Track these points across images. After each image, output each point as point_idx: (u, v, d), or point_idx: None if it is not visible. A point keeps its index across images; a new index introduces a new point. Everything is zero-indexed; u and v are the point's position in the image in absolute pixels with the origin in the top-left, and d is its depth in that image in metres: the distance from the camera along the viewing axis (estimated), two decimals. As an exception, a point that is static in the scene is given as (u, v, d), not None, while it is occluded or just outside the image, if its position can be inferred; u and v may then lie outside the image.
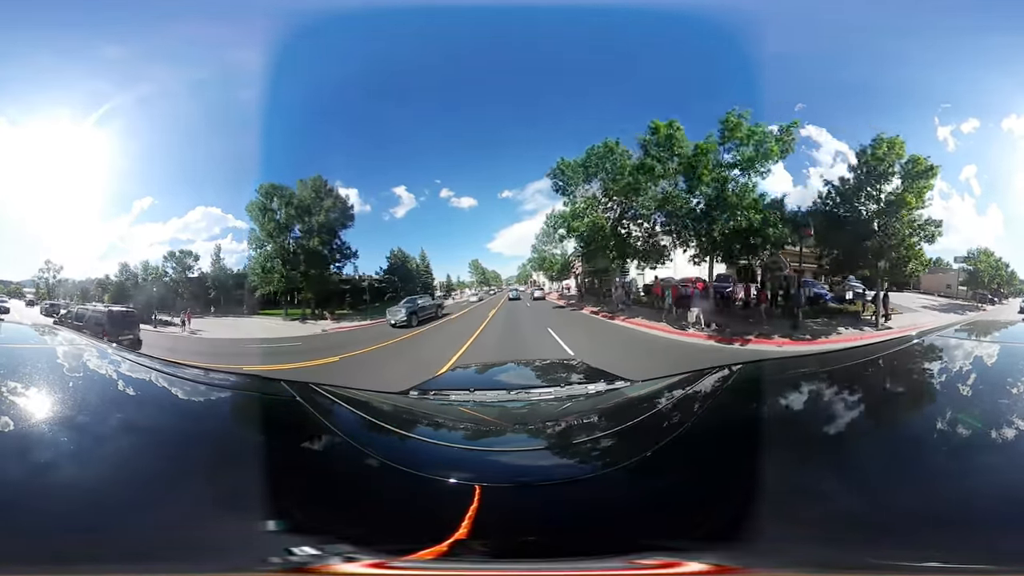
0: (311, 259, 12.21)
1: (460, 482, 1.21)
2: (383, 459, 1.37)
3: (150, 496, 1.11)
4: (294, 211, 11.56)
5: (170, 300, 11.98)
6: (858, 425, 1.50)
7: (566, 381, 2.65)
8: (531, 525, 1.09)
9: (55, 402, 1.58)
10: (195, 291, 12.27)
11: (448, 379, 3.24)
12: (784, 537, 0.99)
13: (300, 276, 11.87)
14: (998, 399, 1.60)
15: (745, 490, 1.11)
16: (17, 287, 13.20)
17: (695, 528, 1.07)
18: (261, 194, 11.42)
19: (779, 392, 1.91)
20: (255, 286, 12.33)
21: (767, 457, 1.23)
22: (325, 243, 12.58)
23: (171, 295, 12.03)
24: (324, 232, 12.43)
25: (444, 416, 2.10)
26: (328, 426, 1.67)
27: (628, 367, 2.99)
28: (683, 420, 1.80)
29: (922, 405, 1.71)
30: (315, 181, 12.23)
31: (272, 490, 1.12)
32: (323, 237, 12.47)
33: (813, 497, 1.12)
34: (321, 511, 1.15)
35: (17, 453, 1.20)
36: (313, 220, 12.20)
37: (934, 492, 1.10)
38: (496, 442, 1.77)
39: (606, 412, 2.05)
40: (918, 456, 1.24)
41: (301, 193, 12.07)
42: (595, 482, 1.25)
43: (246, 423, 1.79)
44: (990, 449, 1.24)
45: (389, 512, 1.15)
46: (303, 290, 12.58)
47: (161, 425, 1.63)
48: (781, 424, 1.53)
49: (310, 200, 12.14)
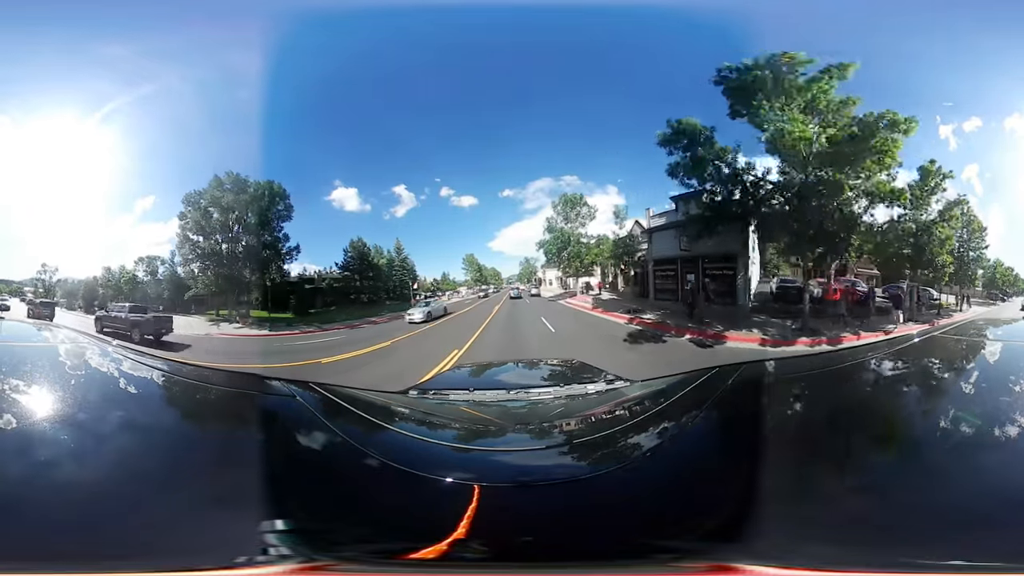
0: (233, 259, 11.67)
1: (459, 481, 1.21)
2: (382, 458, 1.37)
3: (150, 494, 1.11)
4: (211, 211, 11.10)
5: (138, 299, 12.21)
6: (859, 424, 1.50)
7: (566, 381, 2.65)
8: (530, 525, 1.09)
9: (56, 400, 1.59)
10: (157, 291, 12.39)
11: (448, 379, 3.24)
12: (785, 536, 0.99)
13: (215, 277, 11.40)
14: (999, 397, 1.60)
15: (746, 490, 1.11)
16: (19, 287, 13.30)
17: (696, 527, 1.07)
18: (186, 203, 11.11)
19: (779, 392, 1.91)
20: (188, 286, 12.15)
21: (768, 457, 1.23)
22: (249, 241, 11.80)
23: (140, 295, 12.23)
24: (248, 231, 11.71)
25: (444, 416, 2.10)
26: (328, 426, 1.67)
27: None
28: (683, 420, 1.80)
29: (923, 404, 1.71)
30: (230, 177, 11.52)
31: (272, 489, 1.12)
32: (249, 235, 11.70)
33: (814, 496, 1.12)
34: (320, 510, 1.15)
35: (18, 451, 1.20)
36: (229, 217, 11.57)
37: (936, 491, 1.10)
38: (495, 442, 1.77)
39: (606, 412, 2.05)
40: (919, 455, 1.24)
41: (213, 192, 11.47)
42: (595, 482, 1.24)
43: (246, 423, 1.79)
44: (991, 447, 1.24)
45: (388, 511, 1.15)
46: (246, 291, 12.10)
47: (161, 424, 1.63)
48: (782, 424, 1.53)
49: (228, 199, 11.49)
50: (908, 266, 9.78)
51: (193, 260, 11.73)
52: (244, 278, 11.97)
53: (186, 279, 12.11)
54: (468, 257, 19.92)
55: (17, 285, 13.36)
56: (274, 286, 12.53)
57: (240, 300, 12.12)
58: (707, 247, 11.28)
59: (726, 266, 11.55)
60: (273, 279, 12.46)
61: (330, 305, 14.62)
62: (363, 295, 15.53)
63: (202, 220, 11.36)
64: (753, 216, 10.41)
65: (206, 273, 11.77)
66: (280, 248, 12.40)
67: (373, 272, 15.88)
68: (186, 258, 11.76)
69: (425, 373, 5.68)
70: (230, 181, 11.49)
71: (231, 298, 12.34)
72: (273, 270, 12.52)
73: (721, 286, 11.67)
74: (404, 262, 17.13)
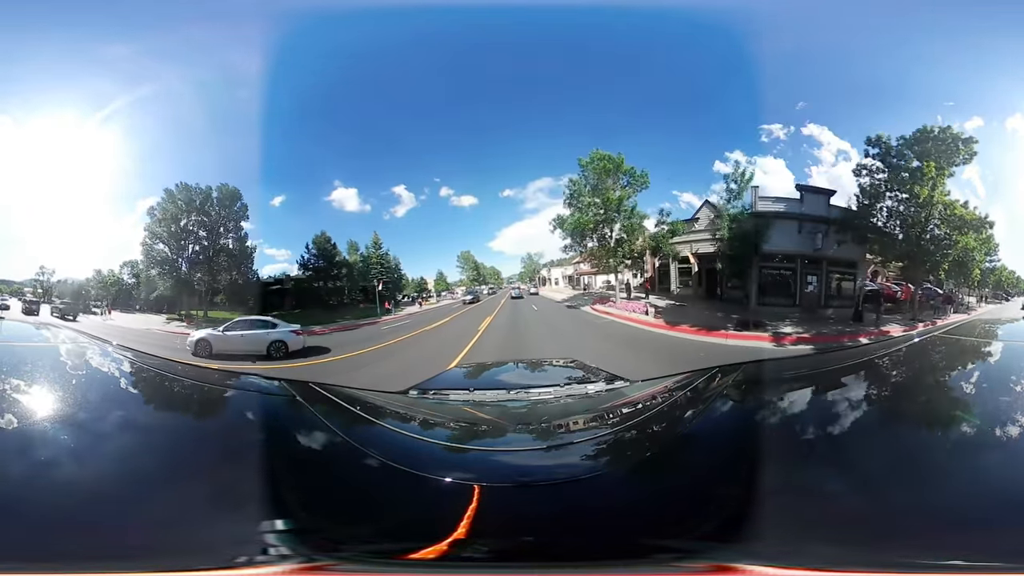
0: (190, 264, 11.73)
1: (459, 481, 1.21)
2: (382, 459, 1.37)
3: (150, 495, 1.11)
4: (163, 222, 11.31)
5: (122, 299, 12.42)
6: (858, 424, 1.50)
7: (566, 381, 2.65)
8: (530, 525, 1.09)
9: (56, 400, 1.59)
10: (136, 293, 12.63)
11: (448, 379, 3.24)
12: (786, 537, 0.99)
13: (171, 281, 11.55)
14: (999, 397, 1.60)
15: (746, 490, 1.11)
16: (19, 287, 13.40)
17: (696, 528, 1.07)
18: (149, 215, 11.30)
19: (779, 392, 1.91)
20: (153, 287, 12.24)
21: (768, 457, 1.23)
22: (197, 247, 11.74)
23: (124, 295, 12.46)
24: (196, 238, 11.69)
25: (444, 416, 2.10)
26: (328, 426, 1.67)
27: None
28: (683, 420, 1.80)
29: (922, 404, 1.71)
30: (180, 188, 11.56)
31: (271, 490, 1.12)
32: (196, 242, 11.67)
33: (814, 496, 1.12)
34: (320, 510, 1.15)
35: (18, 450, 1.20)
36: (178, 227, 11.64)
37: (935, 491, 1.10)
38: (495, 442, 1.77)
39: (606, 412, 2.05)
40: (919, 455, 1.24)
41: (164, 205, 11.58)
42: (595, 482, 1.24)
43: (246, 423, 1.79)
44: (991, 447, 1.24)
45: (388, 511, 1.16)
46: (201, 293, 12.07)
47: (161, 424, 1.63)
48: (781, 423, 1.53)
49: (175, 210, 11.58)
50: (942, 274, 10.70)
51: (152, 266, 12.02)
52: (193, 282, 12.14)
53: (149, 283, 12.43)
54: (464, 254, 17.28)
55: (17, 286, 13.46)
56: (241, 287, 12.19)
57: (197, 301, 12.25)
58: (836, 251, 11.02)
59: (848, 272, 11.31)
60: (235, 280, 12.26)
61: (295, 307, 13.12)
62: (330, 297, 13.71)
63: (158, 228, 11.67)
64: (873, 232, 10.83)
65: (163, 278, 12.10)
66: (236, 249, 12.27)
67: (341, 271, 13.94)
68: (147, 265, 12.06)
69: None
70: (180, 192, 11.75)
71: (185, 300, 12.50)
72: (232, 272, 12.36)
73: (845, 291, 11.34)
74: (383, 259, 14.79)
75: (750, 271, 11.31)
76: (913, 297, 10.86)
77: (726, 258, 11.50)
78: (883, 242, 10.96)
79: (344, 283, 14.18)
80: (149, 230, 11.64)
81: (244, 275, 12.47)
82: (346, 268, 14.25)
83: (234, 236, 12.12)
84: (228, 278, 12.21)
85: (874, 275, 11.12)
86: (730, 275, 11.76)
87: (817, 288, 11.21)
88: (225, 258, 12.23)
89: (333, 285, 14.00)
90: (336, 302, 14.13)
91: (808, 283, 11.20)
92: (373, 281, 14.50)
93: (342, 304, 14.07)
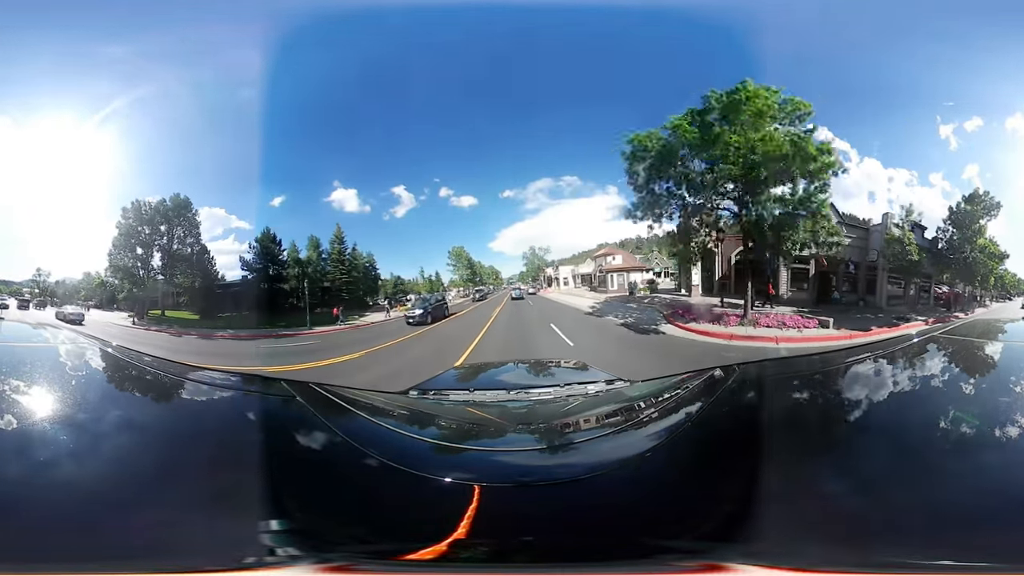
0: (149, 270, 12.77)
1: (459, 482, 1.21)
2: (382, 459, 1.37)
3: (149, 495, 1.11)
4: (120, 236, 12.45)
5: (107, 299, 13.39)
6: (858, 424, 1.50)
7: (566, 381, 2.65)
8: (531, 525, 1.09)
9: (56, 400, 1.59)
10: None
11: (448, 379, 3.24)
12: (786, 536, 0.99)
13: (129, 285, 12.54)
14: (999, 397, 1.60)
15: (746, 490, 1.11)
16: (18, 288, 13.60)
17: (696, 528, 1.07)
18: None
19: (779, 392, 1.91)
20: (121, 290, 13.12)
21: (768, 456, 1.23)
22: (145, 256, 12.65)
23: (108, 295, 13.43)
24: (148, 246, 12.53)
25: (444, 416, 2.10)
26: (328, 426, 1.67)
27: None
28: (683, 420, 1.80)
29: (922, 404, 1.71)
30: (133, 205, 12.36)
31: (271, 490, 1.12)
32: (146, 249, 12.51)
33: (814, 496, 1.12)
34: (320, 511, 1.15)
35: (17, 450, 1.20)
36: (132, 240, 12.61)
37: (935, 491, 1.10)
38: (496, 442, 1.77)
39: (606, 412, 2.05)
40: (919, 455, 1.24)
41: (119, 220, 12.58)
42: (595, 482, 1.24)
43: (246, 423, 1.79)
44: (991, 447, 1.24)
45: (388, 512, 1.16)
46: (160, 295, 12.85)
47: (161, 424, 1.63)
48: (781, 423, 1.53)
49: (127, 225, 12.56)
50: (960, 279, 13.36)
51: (113, 273, 13.10)
52: (147, 285, 13.21)
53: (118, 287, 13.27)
54: (456, 250, 14.66)
55: (17, 287, 13.67)
56: (198, 290, 12.37)
57: (160, 303, 12.96)
58: (926, 268, 13.21)
59: (927, 282, 13.61)
60: (194, 284, 12.55)
61: (245, 310, 12.43)
62: (279, 300, 12.82)
63: (119, 240, 12.61)
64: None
65: (122, 282, 12.92)
66: (192, 255, 12.49)
67: (288, 271, 12.88)
68: (112, 273, 13.14)
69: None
70: (132, 208, 12.52)
71: (157, 301, 13.38)
72: (191, 276, 12.70)
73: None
74: (343, 256, 13.36)
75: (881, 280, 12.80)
76: (953, 297, 13.89)
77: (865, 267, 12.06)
78: (950, 266, 13.47)
79: (294, 284, 13.16)
80: (113, 243, 12.70)
81: (204, 278, 12.72)
82: (298, 267, 13.15)
83: (191, 242, 12.51)
84: (188, 282, 12.75)
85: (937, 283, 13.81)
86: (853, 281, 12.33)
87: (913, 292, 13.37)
88: (181, 263, 12.82)
89: (278, 287, 13.07)
90: (289, 305, 13.19)
91: (911, 289, 13.27)
92: (334, 283, 13.26)
93: (296, 308, 13.03)
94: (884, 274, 12.73)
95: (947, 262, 13.11)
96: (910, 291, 13.27)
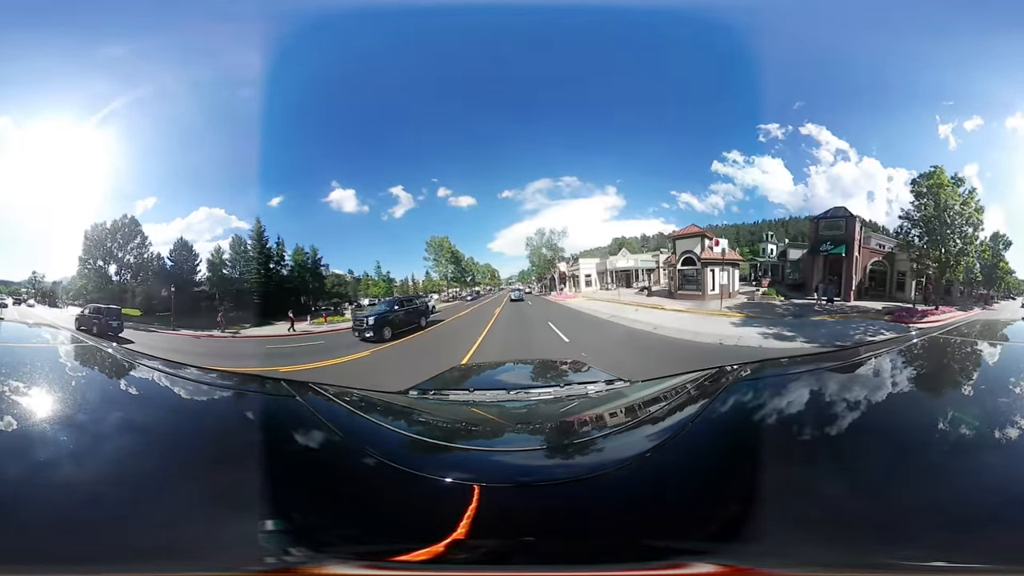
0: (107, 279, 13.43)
1: (459, 482, 1.21)
2: (382, 458, 1.37)
3: (149, 495, 1.11)
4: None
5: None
6: (859, 425, 1.50)
7: (566, 381, 2.65)
8: (530, 525, 1.08)
9: (56, 401, 1.59)
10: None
11: (447, 379, 3.24)
12: (786, 537, 0.99)
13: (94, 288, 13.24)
14: (998, 398, 1.60)
15: (747, 490, 1.11)
16: (17, 288, 13.74)
17: (696, 528, 1.07)
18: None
19: (779, 392, 1.91)
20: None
21: (768, 457, 1.23)
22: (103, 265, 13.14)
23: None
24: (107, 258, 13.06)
25: (443, 416, 2.10)
26: (328, 426, 1.67)
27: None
28: (683, 420, 1.80)
29: (922, 404, 1.71)
30: (94, 227, 12.78)
31: (271, 490, 1.12)
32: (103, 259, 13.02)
33: (815, 497, 1.12)
34: (320, 511, 1.15)
35: (17, 451, 1.20)
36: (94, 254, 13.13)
37: (935, 491, 1.10)
38: (495, 442, 1.77)
39: (606, 412, 2.05)
40: (919, 455, 1.24)
41: (84, 240, 13.13)
42: (595, 482, 1.24)
43: (246, 423, 1.79)
44: (991, 448, 1.24)
45: (387, 512, 1.15)
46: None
47: (161, 424, 1.63)
48: (782, 424, 1.53)
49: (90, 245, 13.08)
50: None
51: (82, 279, 13.75)
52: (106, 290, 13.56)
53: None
54: (436, 241, 11.73)
55: (16, 287, 13.79)
56: (140, 292, 13.13)
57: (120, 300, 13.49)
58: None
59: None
60: (143, 286, 13.17)
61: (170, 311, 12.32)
62: (198, 303, 12.33)
63: (87, 252, 13.29)
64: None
65: (88, 286, 13.63)
66: (137, 263, 12.94)
67: (217, 273, 12.05)
68: (80, 277, 13.77)
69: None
70: (94, 230, 13.10)
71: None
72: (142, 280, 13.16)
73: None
74: (282, 253, 11.89)
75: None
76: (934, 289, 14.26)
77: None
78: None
79: (210, 288, 12.49)
80: (79, 259, 13.48)
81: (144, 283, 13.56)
82: (211, 269, 12.34)
83: (135, 254, 13.23)
84: (138, 286, 13.76)
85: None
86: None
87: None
88: (132, 271, 13.77)
89: (195, 290, 12.68)
90: (206, 307, 12.81)
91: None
92: (273, 285, 11.85)
93: (212, 309, 12.56)
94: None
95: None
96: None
